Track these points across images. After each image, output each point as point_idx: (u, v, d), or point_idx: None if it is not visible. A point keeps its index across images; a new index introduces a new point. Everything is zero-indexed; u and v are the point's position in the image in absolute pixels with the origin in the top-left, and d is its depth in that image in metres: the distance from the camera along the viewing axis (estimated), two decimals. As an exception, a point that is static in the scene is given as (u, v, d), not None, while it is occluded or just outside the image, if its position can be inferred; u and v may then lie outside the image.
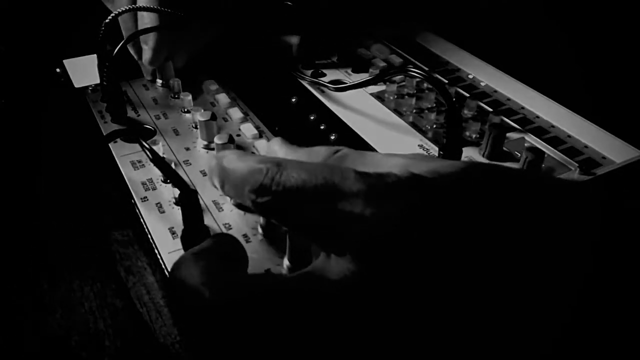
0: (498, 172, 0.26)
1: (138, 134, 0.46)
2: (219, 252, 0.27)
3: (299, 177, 0.25)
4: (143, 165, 0.44)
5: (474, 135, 0.48)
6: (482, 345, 0.22)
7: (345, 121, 0.50)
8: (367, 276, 0.23)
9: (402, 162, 0.27)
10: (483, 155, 0.46)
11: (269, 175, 0.26)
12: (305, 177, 0.25)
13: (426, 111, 0.51)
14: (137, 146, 0.46)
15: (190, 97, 0.51)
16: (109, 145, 0.46)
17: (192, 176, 0.43)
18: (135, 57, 0.53)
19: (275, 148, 0.33)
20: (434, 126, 0.49)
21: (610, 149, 0.47)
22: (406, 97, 0.53)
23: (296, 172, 0.25)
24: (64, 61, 0.57)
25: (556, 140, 0.48)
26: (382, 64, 0.58)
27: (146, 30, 0.49)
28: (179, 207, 0.39)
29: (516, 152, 0.46)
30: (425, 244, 0.22)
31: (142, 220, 0.39)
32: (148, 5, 0.48)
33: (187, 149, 0.46)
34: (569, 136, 0.48)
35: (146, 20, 0.50)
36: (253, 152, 0.46)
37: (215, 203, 0.40)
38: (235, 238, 0.29)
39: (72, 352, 0.36)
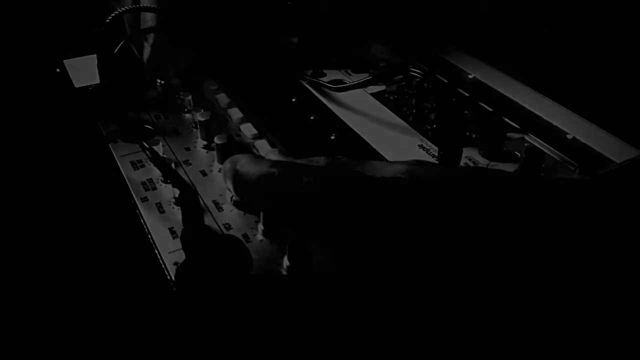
0: (497, 177, 0.26)
1: (138, 134, 0.46)
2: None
3: (308, 181, 0.25)
4: (143, 165, 0.44)
5: (474, 135, 0.48)
6: (483, 345, 0.22)
7: (345, 121, 0.50)
8: (372, 276, 0.23)
9: (405, 169, 0.27)
10: (483, 156, 0.46)
11: (280, 179, 0.26)
12: (315, 182, 0.25)
13: (426, 111, 0.51)
14: (137, 146, 0.46)
15: (190, 97, 0.51)
16: (109, 145, 0.46)
17: (192, 176, 0.43)
18: (138, 55, 0.53)
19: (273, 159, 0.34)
20: (434, 126, 0.49)
21: (610, 149, 0.47)
22: (406, 97, 0.53)
23: (306, 177, 0.25)
24: (64, 61, 0.57)
25: (556, 140, 0.48)
26: (382, 64, 0.58)
27: (147, 30, 0.49)
28: (179, 207, 0.39)
29: (516, 152, 0.46)
30: (426, 245, 0.22)
31: (142, 220, 0.39)
32: (150, 6, 0.49)
33: (187, 149, 0.46)
34: (569, 136, 0.48)
35: (148, 20, 0.50)
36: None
37: (215, 203, 0.40)
38: (239, 239, 0.30)
39: (72, 352, 0.36)
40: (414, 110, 0.51)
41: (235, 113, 0.50)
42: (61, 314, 0.38)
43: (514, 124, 0.50)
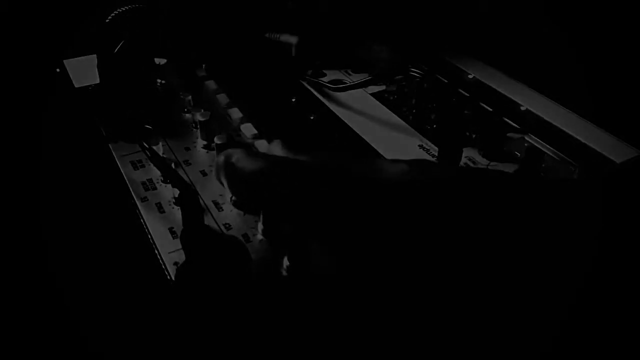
0: (497, 177, 0.26)
1: (138, 134, 0.46)
2: None
3: (308, 179, 0.25)
4: (143, 165, 0.44)
5: (473, 135, 0.48)
6: (483, 344, 0.22)
7: (345, 121, 0.50)
8: (372, 276, 0.23)
9: (407, 169, 0.27)
10: (483, 156, 0.46)
11: (280, 177, 0.26)
12: (314, 180, 0.25)
13: (426, 111, 0.51)
14: (137, 146, 0.46)
15: (190, 97, 0.51)
16: (109, 145, 0.46)
17: (192, 176, 0.43)
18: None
19: (276, 152, 0.33)
20: (434, 126, 0.49)
21: (610, 149, 0.47)
22: (406, 97, 0.53)
23: (306, 175, 0.25)
24: (64, 61, 0.57)
25: (556, 140, 0.48)
26: (382, 63, 0.58)
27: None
28: (179, 207, 0.39)
29: (516, 152, 0.46)
30: (426, 246, 0.22)
31: (142, 220, 0.39)
32: (150, 5, 0.49)
33: (187, 149, 0.46)
34: (569, 136, 0.48)
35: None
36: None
37: (215, 203, 0.40)
38: (239, 239, 0.30)
39: (72, 352, 0.36)
40: (414, 110, 0.51)
41: (235, 113, 0.50)
42: (61, 314, 0.38)
43: (514, 124, 0.50)
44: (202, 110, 0.46)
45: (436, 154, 0.45)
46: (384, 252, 0.23)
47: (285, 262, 0.34)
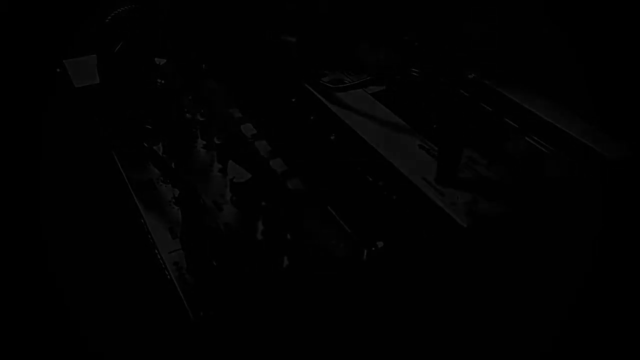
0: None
1: (139, 134, 0.46)
2: None
3: None
4: (143, 165, 0.44)
5: (473, 135, 0.48)
6: (482, 344, 0.22)
7: (346, 121, 0.50)
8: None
9: None
10: (482, 156, 0.46)
11: None
12: None
13: (426, 111, 0.51)
14: (136, 146, 0.46)
15: (190, 97, 0.51)
16: (109, 145, 0.46)
17: (192, 176, 0.43)
18: None
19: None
20: (434, 126, 0.49)
21: (610, 148, 0.47)
22: (407, 97, 0.53)
23: None
24: (64, 61, 0.57)
25: (556, 140, 0.48)
26: (382, 64, 0.58)
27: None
28: (179, 207, 0.39)
29: (516, 153, 0.46)
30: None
31: (142, 220, 0.39)
32: (151, 5, 0.49)
33: (187, 149, 0.46)
34: (569, 136, 0.48)
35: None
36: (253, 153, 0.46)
37: (215, 203, 0.40)
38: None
39: (72, 352, 0.36)
40: (414, 111, 0.51)
41: (236, 113, 0.50)
42: (61, 314, 0.38)
43: (514, 124, 0.50)
44: (202, 111, 0.46)
45: (436, 154, 0.45)
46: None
47: (286, 261, 0.34)
